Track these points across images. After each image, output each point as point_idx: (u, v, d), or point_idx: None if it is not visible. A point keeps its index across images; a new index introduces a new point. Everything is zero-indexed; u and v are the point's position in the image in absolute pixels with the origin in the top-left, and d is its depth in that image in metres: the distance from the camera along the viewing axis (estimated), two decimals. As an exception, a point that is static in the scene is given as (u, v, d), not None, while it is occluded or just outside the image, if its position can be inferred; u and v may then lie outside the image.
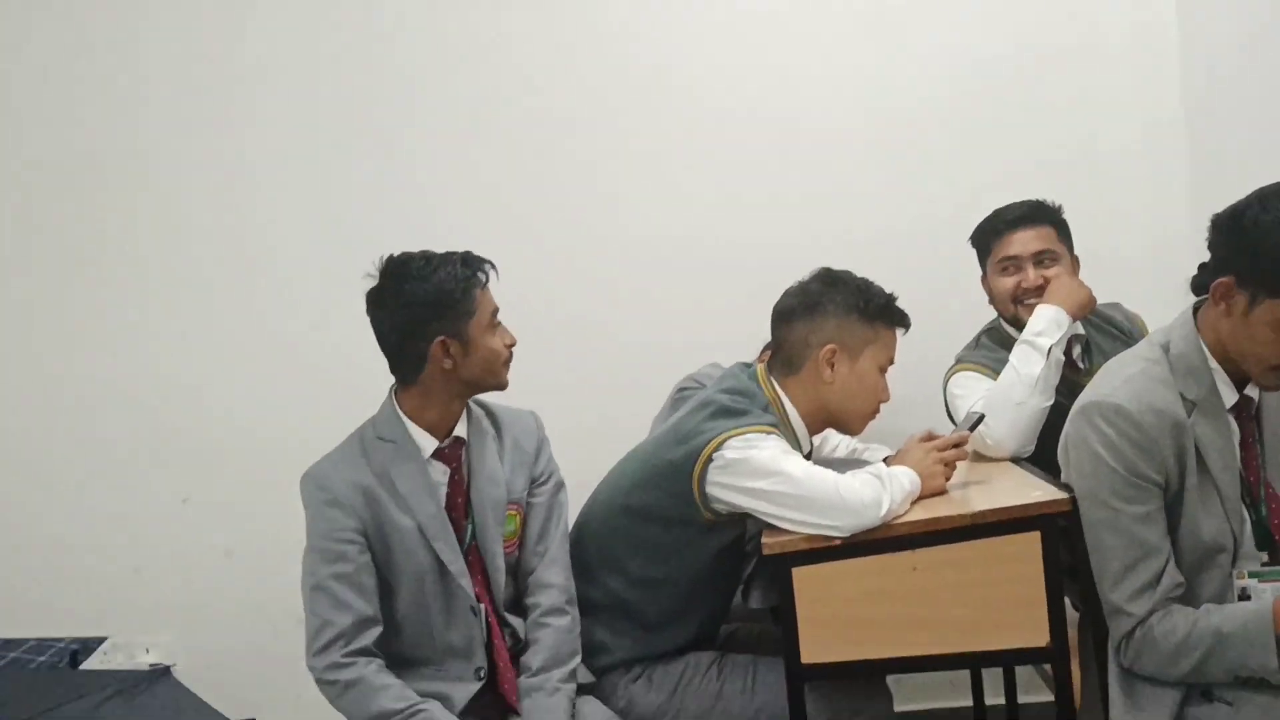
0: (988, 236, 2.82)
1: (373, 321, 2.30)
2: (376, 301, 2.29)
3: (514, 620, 2.37)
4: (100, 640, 3.08)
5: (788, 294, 2.48)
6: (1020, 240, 2.76)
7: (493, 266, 2.32)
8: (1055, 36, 3.28)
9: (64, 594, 3.35)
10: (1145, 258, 3.20)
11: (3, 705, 2.41)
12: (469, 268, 2.27)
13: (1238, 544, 2.02)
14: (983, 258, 2.86)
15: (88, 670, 2.89)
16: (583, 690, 2.35)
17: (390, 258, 2.29)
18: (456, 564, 2.29)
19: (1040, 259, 2.75)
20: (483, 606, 2.32)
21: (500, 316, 2.34)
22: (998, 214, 2.82)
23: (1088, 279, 2.74)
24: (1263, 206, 1.91)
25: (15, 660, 2.83)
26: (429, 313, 2.24)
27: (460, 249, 2.30)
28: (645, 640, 2.43)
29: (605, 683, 2.42)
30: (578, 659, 2.35)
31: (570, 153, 3.34)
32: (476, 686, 2.30)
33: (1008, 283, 2.77)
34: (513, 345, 2.35)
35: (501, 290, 2.35)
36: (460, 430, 2.36)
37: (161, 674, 2.64)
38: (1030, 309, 2.69)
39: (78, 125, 3.38)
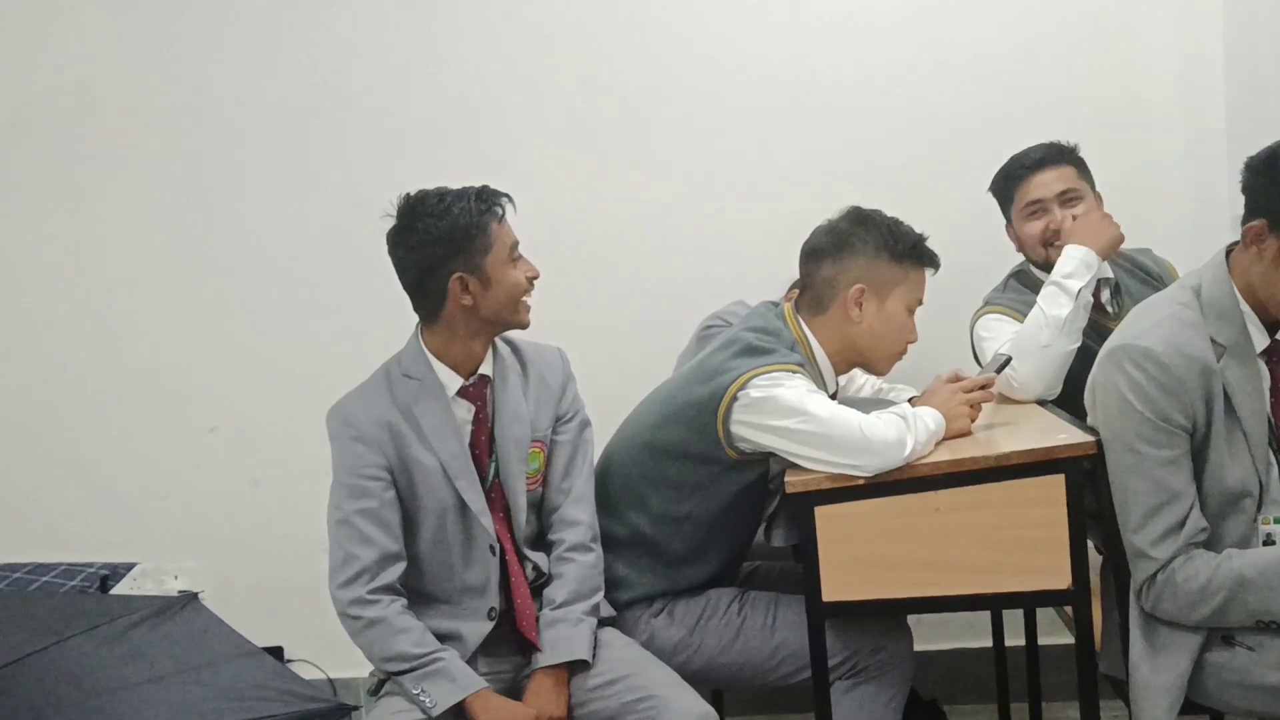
0: (1008, 183, 2.77)
1: (393, 261, 2.29)
2: (394, 241, 2.27)
3: (535, 556, 2.38)
4: (130, 566, 3.11)
5: (816, 233, 2.46)
6: (1042, 182, 2.71)
7: (510, 199, 2.29)
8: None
9: (94, 521, 3.39)
10: (1182, 206, 3.15)
11: (34, 628, 2.44)
12: (484, 201, 2.24)
13: (1263, 489, 2.02)
14: (1005, 205, 2.80)
15: (117, 595, 2.93)
16: (604, 624, 2.37)
17: (406, 196, 2.27)
18: (478, 503, 2.30)
19: (1065, 199, 2.71)
20: (501, 546, 2.33)
21: (524, 252, 2.32)
22: (1016, 159, 2.76)
23: (1124, 225, 2.69)
24: None
25: (46, 584, 2.87)
26: (445, 249, 2.22)
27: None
28: (667, 576, 2.44)
29: (627, 617, 2.43)
30: (600, 594, 2.37)
31: (600, 91, 3.31)
32: (489, 627, 2.31)
33: (1035, 226, 2.73)
34: (535, 278, 2.32)
35: (526, 228, 2.33)
36: (486, 368, 2.36)
37: (189, 600, 2.67)
38: (1061, 250, 2.65)
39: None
